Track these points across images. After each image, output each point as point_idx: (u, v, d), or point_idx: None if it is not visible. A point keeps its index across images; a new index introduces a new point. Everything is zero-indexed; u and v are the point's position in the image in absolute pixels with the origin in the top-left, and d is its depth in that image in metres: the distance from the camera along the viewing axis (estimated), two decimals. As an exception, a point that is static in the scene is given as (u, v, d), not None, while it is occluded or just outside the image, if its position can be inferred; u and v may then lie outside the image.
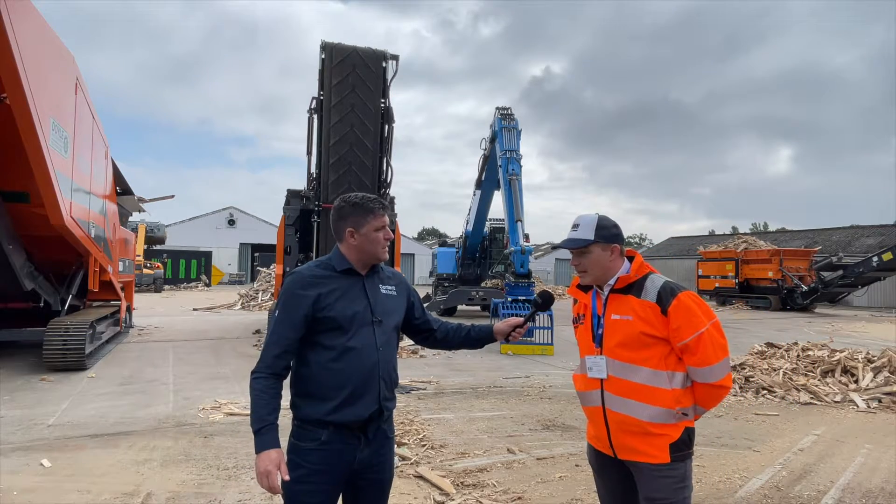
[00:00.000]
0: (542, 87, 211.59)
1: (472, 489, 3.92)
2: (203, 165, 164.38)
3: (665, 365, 2.02)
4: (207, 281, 37.58)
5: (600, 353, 2.11)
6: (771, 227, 71.14)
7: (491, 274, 19.96)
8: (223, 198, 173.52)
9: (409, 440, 4.93)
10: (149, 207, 17.03)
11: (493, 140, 14.70)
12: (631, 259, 2.16)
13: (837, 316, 21.84)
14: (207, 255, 39.83)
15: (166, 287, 31.71)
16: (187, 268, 38.36)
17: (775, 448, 5.07)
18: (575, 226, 2.17)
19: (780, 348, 8.74)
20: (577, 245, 2.12)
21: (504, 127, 13.63)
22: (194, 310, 18.90)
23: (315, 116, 10.18)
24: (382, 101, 10.15)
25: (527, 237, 12.08)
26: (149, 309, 18.23)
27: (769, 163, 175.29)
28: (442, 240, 22.89)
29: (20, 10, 5.46)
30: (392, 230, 2.21)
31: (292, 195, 10.83)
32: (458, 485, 3.98)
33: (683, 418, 2.02)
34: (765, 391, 7.19)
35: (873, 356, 7.82)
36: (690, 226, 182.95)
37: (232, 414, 5.80)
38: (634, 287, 2.09)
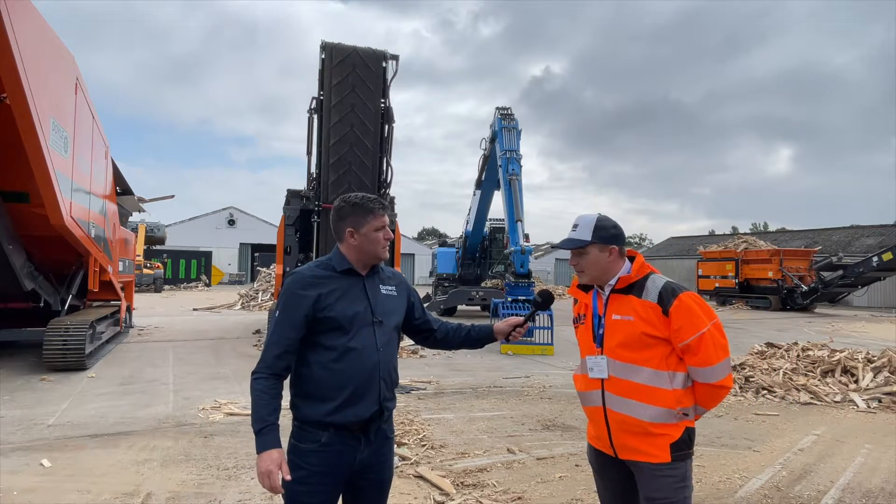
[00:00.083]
0: (542, 87, 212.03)
1: (472, 489, 3.92)
2: (203, 165, 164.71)
3: (666, 365, 2.02)
4: (207, 281, 37.57)
5: (601, 354, 2.11)
6: (771, 227, 71.26)
7: (491, 274, 19.96)
8: (223, 198, 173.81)
9: (409, 440, 4.92)
10: (149, 207, 17.04)
11: (493, 140, 14.70)
12: (632, 259, 2.16)
13: (837, 316, 21.85)
14: (207, 255, 39.84)
15: (166, 287, 31.71)
16: (187, 268, 38.37)
17: (775, 448, 5.07)
18: (574, 226, 2.17)
19: (780, 348, 8.74)
20: (574, 246, 2.13)
21: (504, 127, 13.63)
22: (194, 310, 18.91)
23: (315, 116, 10.18)
24: (382, 101, 10.15)
25: (527, 237, 12.08)
26: (149, 309, 18.23)
27: (769, 163, 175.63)
28: (442, 240, 22.89)
29: (20, 10, 5.46)
30: (392, 230, 2.21)
31: (292, 195, 10.84)
32: (458, 485, 3.98)
33: (684, 418, 2.03)
34: (765, 391, 7.19)
35: (873, 356, 7.82)
36: (690, 226, 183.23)
37: (232, 414, 5.80)
38: (635, 287, 2.09)
